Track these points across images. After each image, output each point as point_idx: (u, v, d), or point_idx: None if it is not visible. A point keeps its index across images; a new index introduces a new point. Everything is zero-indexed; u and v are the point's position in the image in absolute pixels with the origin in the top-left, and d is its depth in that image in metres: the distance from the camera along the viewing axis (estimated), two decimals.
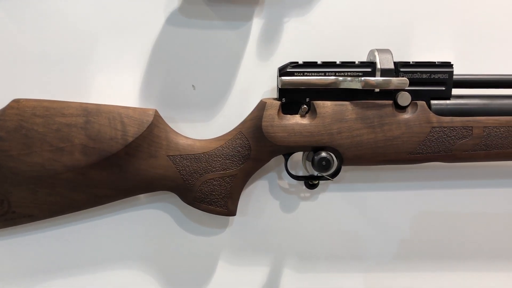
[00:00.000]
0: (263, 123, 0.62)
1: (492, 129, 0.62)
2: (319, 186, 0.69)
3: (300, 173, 0.70)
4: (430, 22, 0.69)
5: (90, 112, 0.62)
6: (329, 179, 0.66)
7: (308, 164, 0.65)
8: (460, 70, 0.68)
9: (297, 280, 0.73)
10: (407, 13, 0.69)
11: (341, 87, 0.61)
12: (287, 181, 0.71)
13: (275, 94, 0.67)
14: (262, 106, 0.63)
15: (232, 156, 0.64)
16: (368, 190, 0.72)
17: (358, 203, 0.72)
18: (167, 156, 0.64)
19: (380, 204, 0.72)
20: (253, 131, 0.63)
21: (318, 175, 0.66)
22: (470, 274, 0.74)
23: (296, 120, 0.62)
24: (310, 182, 0.68)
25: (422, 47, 0.69)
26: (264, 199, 0.71)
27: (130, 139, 0.62)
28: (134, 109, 0.64)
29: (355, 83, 0.60)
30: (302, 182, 0.69)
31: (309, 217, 0.72)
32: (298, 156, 0.69)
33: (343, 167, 0.68)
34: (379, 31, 0.69)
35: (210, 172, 0.64)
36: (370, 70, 0.62)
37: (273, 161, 0.68)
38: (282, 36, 0.68)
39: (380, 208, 0.72)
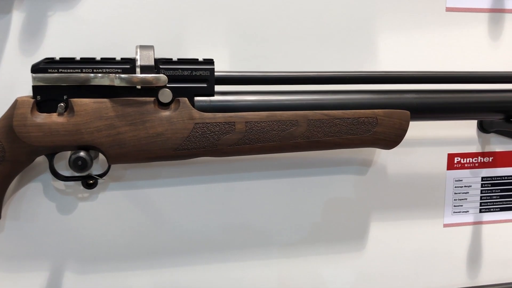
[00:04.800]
0: (14, 123, 0.58)
1: (254, 124, 0.65)
2: (98, 185, 0.68)
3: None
4: (204, 19, 0.70)
5: None
6: (98, 178, 0.65)
7: None
8: (234, 67, 0.71)
9: (79, 282, 0.71)
10: (182, 9, 0.69)
11: (92, 83, 0.59)
12: (63, 182, 0.69)
13: None
14: (14, 105, 0.59)
15: None
16: (150, 187, 0.72)
17: (140, 200, 0.72)
18: None
19: (162, 200, 0.72)
20: (6, 131, 0.59)
21: (90, 174, 0.65)
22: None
23: (52, 119, 0.60)
24: (88, 182, 0.66)
25: (197, 44, 0.70)
26: (38, 201, 0.68)
27: None
28: None
29: (105, 80, 0.59)
30: (80, 182, 0.67)
31: (89, 217, 0.70)
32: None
33: (124, 166, 0.69)
34: (153, 27, 0.68)
35: None
36: (129, 66, 0.61)
37: (45, 162, 0.65)
38: (47, 31, 0.65)
39: (163, 204, 0.72)
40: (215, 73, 0.64)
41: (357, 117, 0.68)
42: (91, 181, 0.66)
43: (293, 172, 0.76)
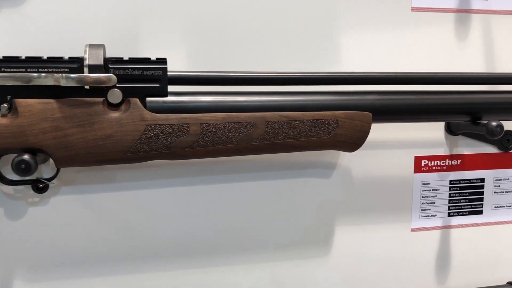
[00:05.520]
0: None
1: (209, 126, 0.63)
2: (50, 189, 0.65)
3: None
4: (160, 18, 0.68)
5: None
6: (47, 182, 0.62)
7: None
8: (191, 67, 0.69)
9: None
10: (137, 7, 0.67)
11: (36, 83, 0.57)
12: (11, 185, 0.66)
13: None
14: None
15: None
16: (104, 191, 0.69)
17: (94, 205, 0.69)
18: None
19: (116, 205, 0.70)
20: None
21: (38, 178, 0.62)
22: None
23: None
24: (38, 186, 0.64)
25: (152, 44, 0.68)
26: None
27: None
28: None
29: (49, 79, 0.57)
30: (30, 186, 0.64)
31: (40, 222, 0.68)
32: None
33: (77, 169, 0.66)
34: (106, 26, 0.66)
35: None
36: (77, 66, 0.58)
37: None
38: None
39: (117, 209, 0.70)
40: (168, 73, 0.61)
41: (317, 119, 0.66)
42: (41, 185, 0.63)
43: (253, 175, 0.74)
